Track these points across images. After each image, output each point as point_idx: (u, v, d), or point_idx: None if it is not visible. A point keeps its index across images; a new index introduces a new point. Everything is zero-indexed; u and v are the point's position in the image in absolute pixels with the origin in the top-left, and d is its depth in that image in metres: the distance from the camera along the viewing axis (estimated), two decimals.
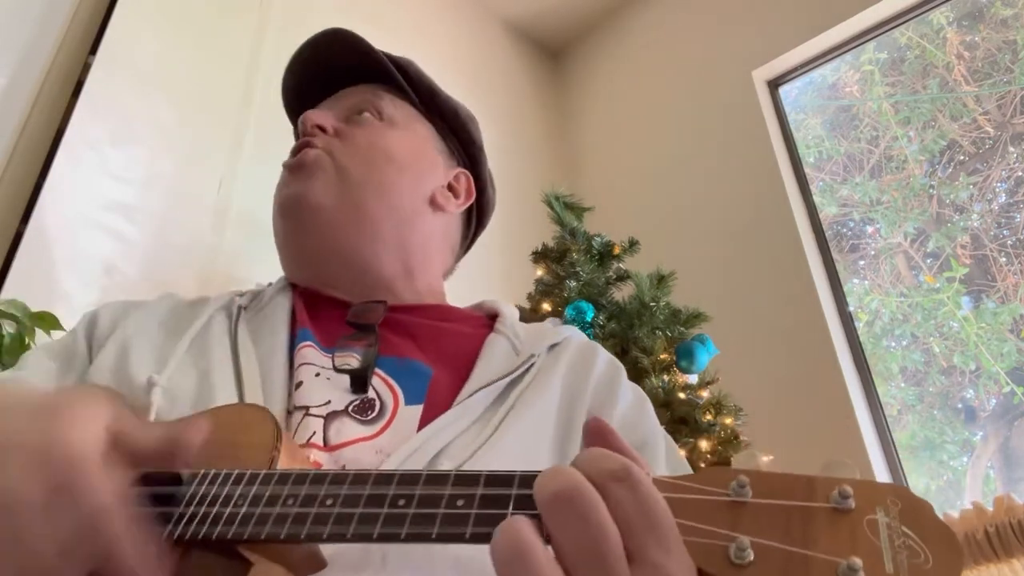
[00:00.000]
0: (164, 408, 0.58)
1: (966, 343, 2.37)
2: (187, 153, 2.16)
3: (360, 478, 0.42)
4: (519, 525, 0.33)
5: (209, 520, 0.42)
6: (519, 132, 3.49)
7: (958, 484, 2.29)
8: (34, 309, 1.49)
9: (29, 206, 1.80)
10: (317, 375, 0.62)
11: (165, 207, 2.06)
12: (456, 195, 0.83)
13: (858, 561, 0.31)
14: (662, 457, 0.65)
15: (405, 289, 0.75)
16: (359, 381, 0.62)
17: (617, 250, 2.12)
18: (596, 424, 0.41)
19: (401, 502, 0.40)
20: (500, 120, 3.41)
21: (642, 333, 1.88)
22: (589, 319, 1.88)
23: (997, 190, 2.51)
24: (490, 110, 3.38)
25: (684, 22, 3.39)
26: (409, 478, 0.41)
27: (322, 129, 0.75)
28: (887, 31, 2.83)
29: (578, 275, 2.01)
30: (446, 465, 0.55)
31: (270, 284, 0.79)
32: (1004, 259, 2.41)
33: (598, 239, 2.14)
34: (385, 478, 0.41)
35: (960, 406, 2.36)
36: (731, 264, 2.76)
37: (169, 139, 2.12)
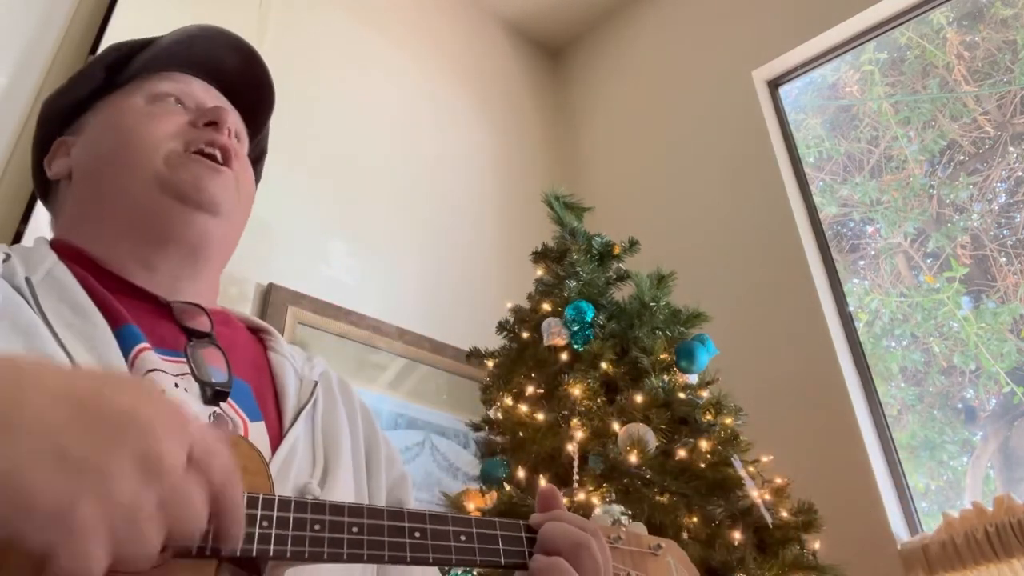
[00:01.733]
0: None
1: (966, 343, 2.37)
2: None
3: (374, 512, 0.52)
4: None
5: (248, 538, 0.46)
6: (519, 132, 3.48)
7: (958, 484, 2.29)
8: None
9: (29, 206, 1.80)
10: (176, 386, 0.61)
11: None
12: None
13: None
14: (411, 492, 0.79)
15: (210, 273, 0.77)
16: (219, 396, 0.62)
17: (617, 250, 2.12)
18: (550, 491, 0.63)
19: (417, 534, 0.52)
20: (500, 120, 3.41)
21: (642, 333, 1.88)
22: (589, 319, 1.88)
23: (997, 190, 2.51)
24: (490, 110, 3.38)
25: (684, 22, 3.39)
26: (418, 516, 0.53)
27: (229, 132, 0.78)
28: (887, 31, 2.83)
29: (578, 275, 2.01)
30: (311, 483, 0.62)
31: (7, 252, 0.65)
32: (1004, 259, 2.41)
33: (598, 239, 2.14)
34: (398, 514, 0.52)
35: (960, 406, 2.36)
36: (731, 264, 2.76)
37: None
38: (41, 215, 1.79)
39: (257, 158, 0.93)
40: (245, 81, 0.85)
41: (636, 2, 3.62)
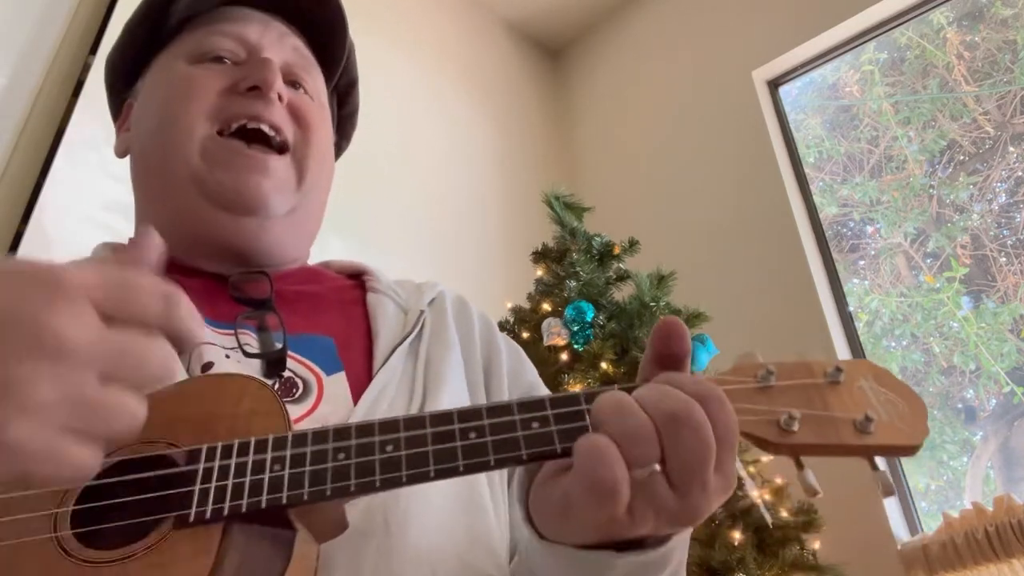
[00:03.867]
0: None
1: (966, 343, 2.37)
2: None
3: (415, 421, 0.43)
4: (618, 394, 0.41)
5: (252, 490, 0.40)
6: (519, 132, 3.49)
7: (958, 484, 2.29)
8: None
9: (29, 206, 1.80)
10: (227, 356, 0.58)
11: None
12: None
13: (872, 414, 0.43)
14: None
15: (281, 258, 0.70)
16: (277, 364, 0.58)
17: (617, 250, 2.12)
18: (670, 327, 0.46)
19: (472, 435, 0.42)
20: (500, 120, 3.41)
21: (642, 333, 1.88)
22: (589, 319, 1.88)
23: (997, 190, 2.51)
24: (490, 110, 3.38)
25: (684, 22, 3.39)
26: (471, 413, 0.43)
27: (279, 98, 0.67)
28: (887, 31, 2.83)
29: (578, 275, 2.01)
30: None
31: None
32: (1004, 259, 2.41)
33: (598, 239, 2.14)
34: (444, 417, 0.43)
35: (960, 406, 2.36)
36: (731, 264, 2.76)
37: None
38: (41, 215, 1.79)
39: (347, 89, 0.82)
40: (308, 5, 0.73)
41: (636, 2, 3.62)
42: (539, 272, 2.13)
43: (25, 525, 0.41)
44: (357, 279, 0.74)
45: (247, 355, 0.58)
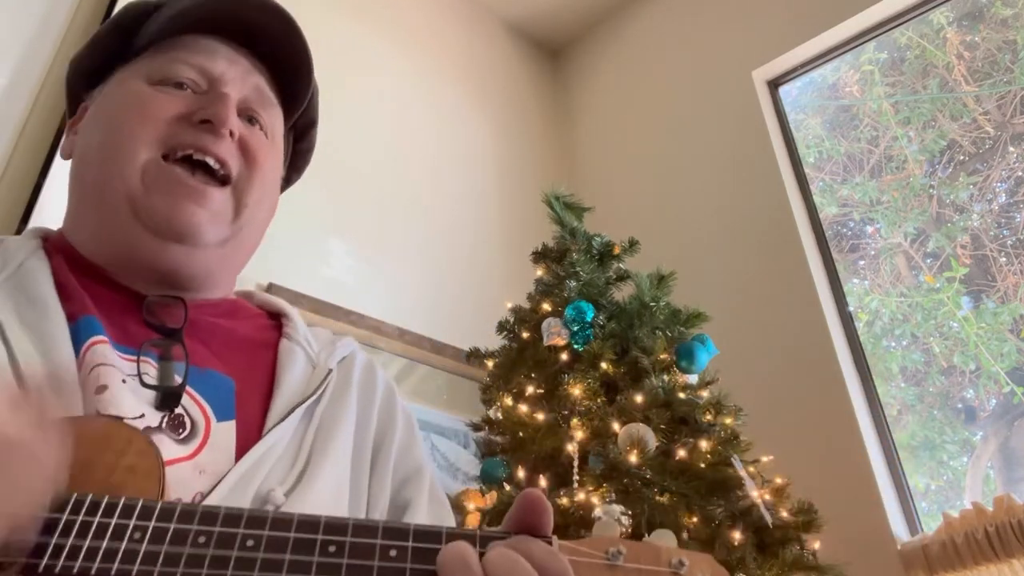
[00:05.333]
0: None
1: (966, 343, 2.37)
2: None
3: (283, 521, 0.43)
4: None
5: (106, 557, 0.40)
6: (519, 132, 3.48)
7: (958, 484, 2.29)
8: None
9: (29, 206, 1.80)
10: (124, 382, 0.56)
11: None
12: None
13: None
14: (426, 489, 0.69)
15: (204, 286, 0.69)
16: (171, 399, 0.57)
17: (617, 250, 2.12)
18: (532, 501, 0.47)
19: (332, 548, 0.42)
20: (500, 120, 3.41)
21: (642, 333, 1.88)
22: (589, 319, 1.88)
23: (997, 190, 2.51)
24: (490, 110, 3.38)
25: (684, 22, 3.39)
26: (337, 526, 0.43)
27: (230, 133, 0.67)
28: (887, 31, 2.83)
29: (578, 275, 2.01)
30: (276, 491, 0.56)
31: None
32: (1004, 259, 2.41)
33: (598, 239, 2.14)
34: (311, 524, 0.43)
35: (960, 406, 2.36)
36: (731, 264, 2.76)
37: None
38: (41, 215, 1.79)
39: (305, 129, 0.84)
40: (277, 45, 0.73)
41: (636, 2, 3.62)
42: (539, 272, 2.13)
43: None
44: (276, 320, 0.74)
45: (144, 385, 0.57)
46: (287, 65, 0.75)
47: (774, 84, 3.06)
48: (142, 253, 0.64)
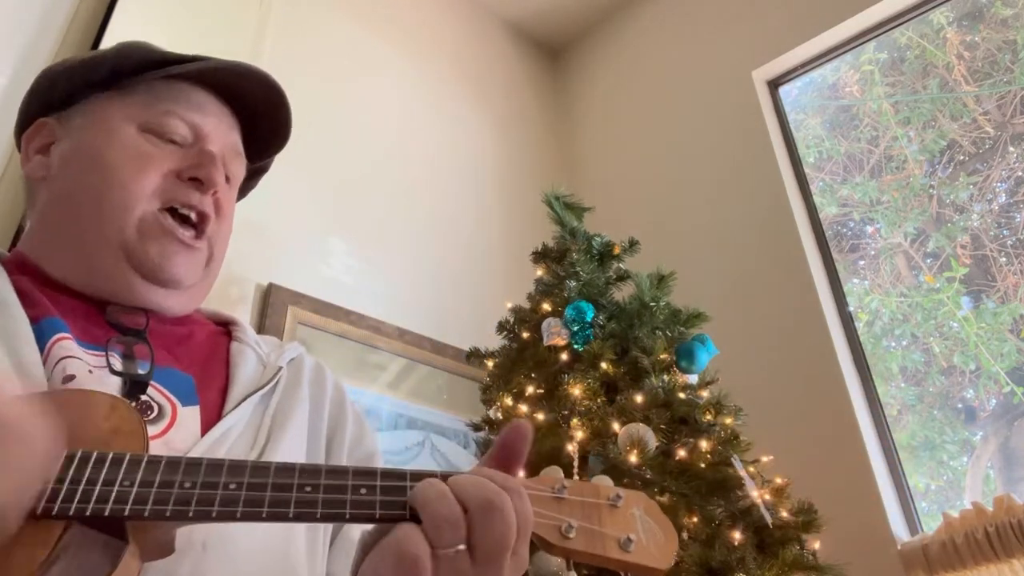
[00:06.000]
0: None
1: (966, 343, 2.37)
2: None
3: (260, 468, 0.48)
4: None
5: (100, 498, 0.44)
6: (519, 132, 3.48)
7: (958, 484, 2.29)
8: None
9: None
10: (91, 372, 0.61)
11: None
12: None
13: (634, 536, 0.53)
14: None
15: (169, 315, 0.76)
16: (138, 386, 0.62)
17: (617, 250, 2.12)
18: (512, 437, 0.53)
19: (308, 488, 0.48)
20: (500, 120, 3.41)
21: (642, 333, 1.88)
22: (589, 319, 1.88)
23: (997, 190, 2.51)
24: (490, 110, 3.38)
25: (684, 22, 3.39)
26: (312, 471, 0.49)
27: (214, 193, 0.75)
28: (887, 31, 2.83)
29: (578, 275, 2.01)
30: None
31: None
32: (1004, 259, 2.41)
33: (598, 239, 2.14)
34: (288, 470, 0.48)
35: (960, 406, 2.36)
36: (731, 264, 2.76)
37: None
38: None
39: (255, 173, 0.90)
40: (264, 112, 0.81)
41: (636, 2, 3.62)
42: (539, 272, 2.13)
43: None
44: (225, 327, 0.81)
45: (112, 372, 0.62)
46: (269, 134, 0.83)
47: (774, 84, 3.06)
48: (126, 291, 0.70)
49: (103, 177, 0.70)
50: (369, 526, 0.53)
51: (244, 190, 0.92)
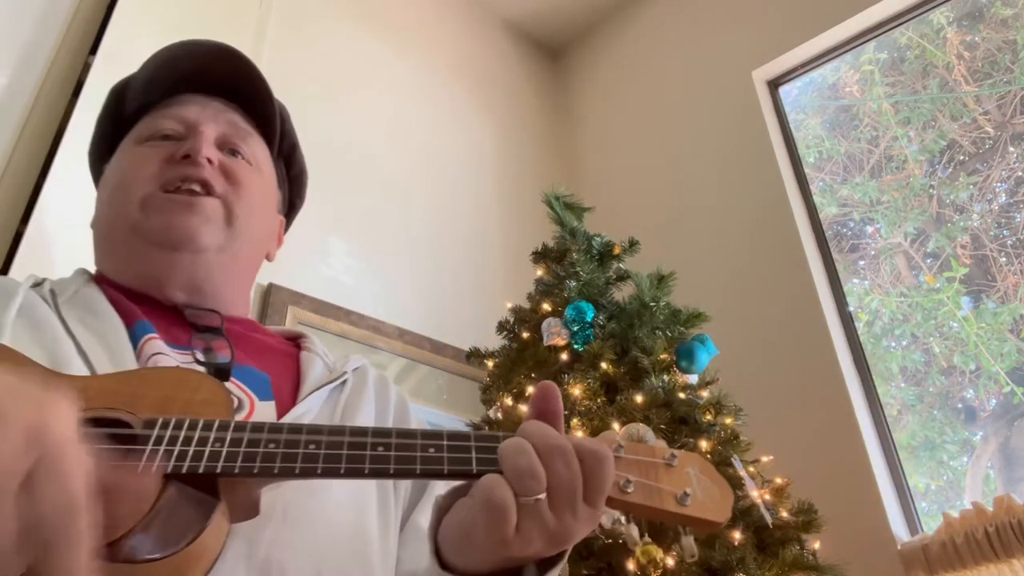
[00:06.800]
0: None
1: (966, 343, 2.37)
2: None
3: (337, 430, 0.52)
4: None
5: (194, 456, 0.48)
6: (519, 132, 3.48)
7: (958, 484, 2.29)
8: None
9: (29, 206, 1.80)
10: (178, 366, 0.65)
11: None
12: (277, 242, 0.92)
13: (690, 491, 0.56)
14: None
15: (217, 294, 0.78)
16: (222, 374, 0.67)
17: (617, 250, 2.12)
18: (547, 388, 0.57)
19: (380, 448, 0.51)
20: (500, 120, 3.41)
21: (642, 333, 1.88)
22: (589, 319, 1.88)
23: (997, 190, 2.51)
24: (490, 110, 3.38)
25: (684, 22, 3.39)
26: (384, 432, 0.53)
27: (208, 161, 0.77)
28: (887, 31, 2.83)
29: (578, 275, 2.01)
30: None
31: (45, 279, 0.75)
32: (1004, 259, 2.41)
33: (598, 239, 2.13)
34: (362, 432, 0.52)
35: (960, 406, 2.36)
36: (731, 264, 2.76)
37: None
38: (41, 215, 1.79)
39: (290, 151, 0.93)
40: (237, 82, 0.85)
41: (636, 2, 3.62)
42: (539, 272, 2.13)
43: None
44: (294, 341, 0.85)
45: (198, 362, 0.67)
46: (249, 95, 0.85)
47: (774, 84, 3.06)
48: (154, 267, 0.74)
49: (113, 186, 0.78)
50: (443, 495, 0.58)
51: (296, 190, 0.99)
